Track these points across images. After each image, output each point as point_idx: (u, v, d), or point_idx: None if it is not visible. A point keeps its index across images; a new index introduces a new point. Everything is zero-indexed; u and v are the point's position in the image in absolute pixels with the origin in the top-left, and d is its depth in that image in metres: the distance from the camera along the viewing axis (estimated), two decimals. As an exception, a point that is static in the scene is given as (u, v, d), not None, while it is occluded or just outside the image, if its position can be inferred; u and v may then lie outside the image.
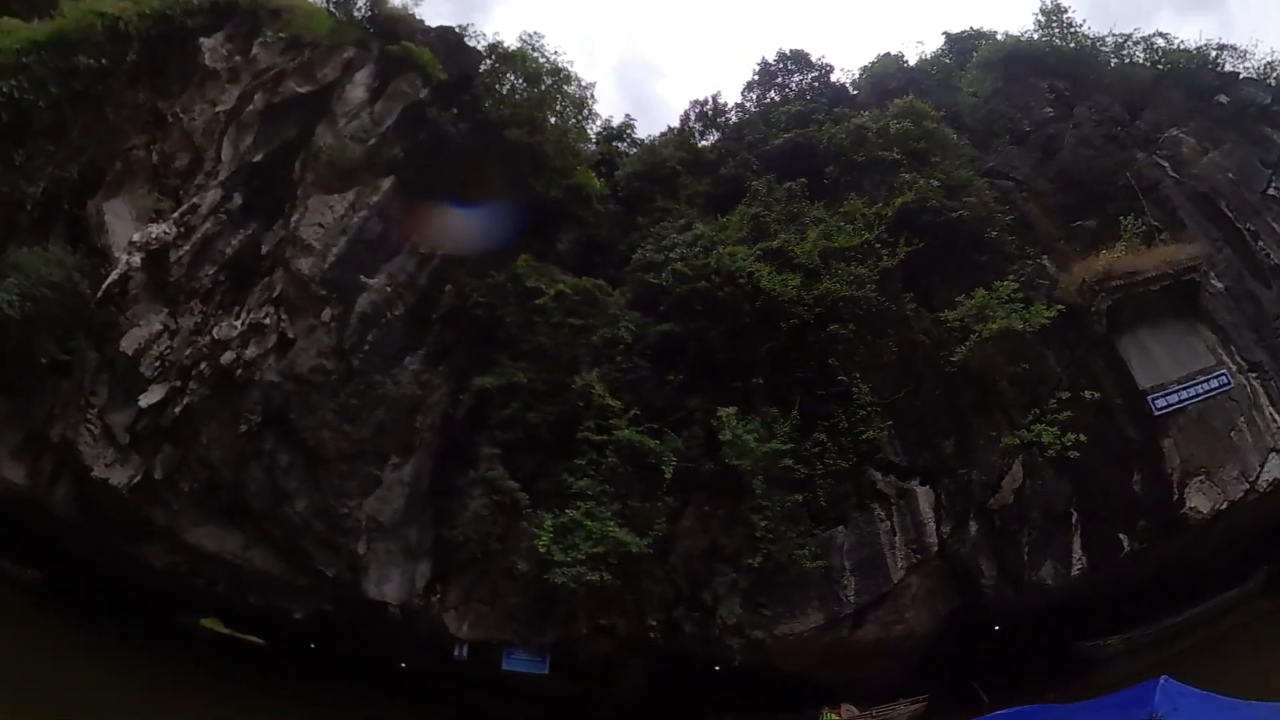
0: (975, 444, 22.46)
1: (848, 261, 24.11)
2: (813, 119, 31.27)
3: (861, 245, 24.42)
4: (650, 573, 22.98)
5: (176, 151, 26.48)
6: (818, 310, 23.33)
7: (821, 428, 22.77)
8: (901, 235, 24.40)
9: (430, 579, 25.41)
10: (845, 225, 25.33)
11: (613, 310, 25.88)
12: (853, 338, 23.20)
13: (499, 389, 25.23)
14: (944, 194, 24.81)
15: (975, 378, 22.31)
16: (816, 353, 23.40)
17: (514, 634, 24.40)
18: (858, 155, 27.69)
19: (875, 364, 23.25)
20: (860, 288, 23.44)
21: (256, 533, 25.11)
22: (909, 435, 22.95)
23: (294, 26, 28.05)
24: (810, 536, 22.16)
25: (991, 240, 24.29)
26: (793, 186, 27.80)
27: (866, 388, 22.85)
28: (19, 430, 22.96)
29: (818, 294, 23.43)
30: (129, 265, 24.02)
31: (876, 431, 22.33)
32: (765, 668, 23.67)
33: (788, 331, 23.32)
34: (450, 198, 27.81)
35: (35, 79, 24.36)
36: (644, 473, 23.17)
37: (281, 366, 25.14)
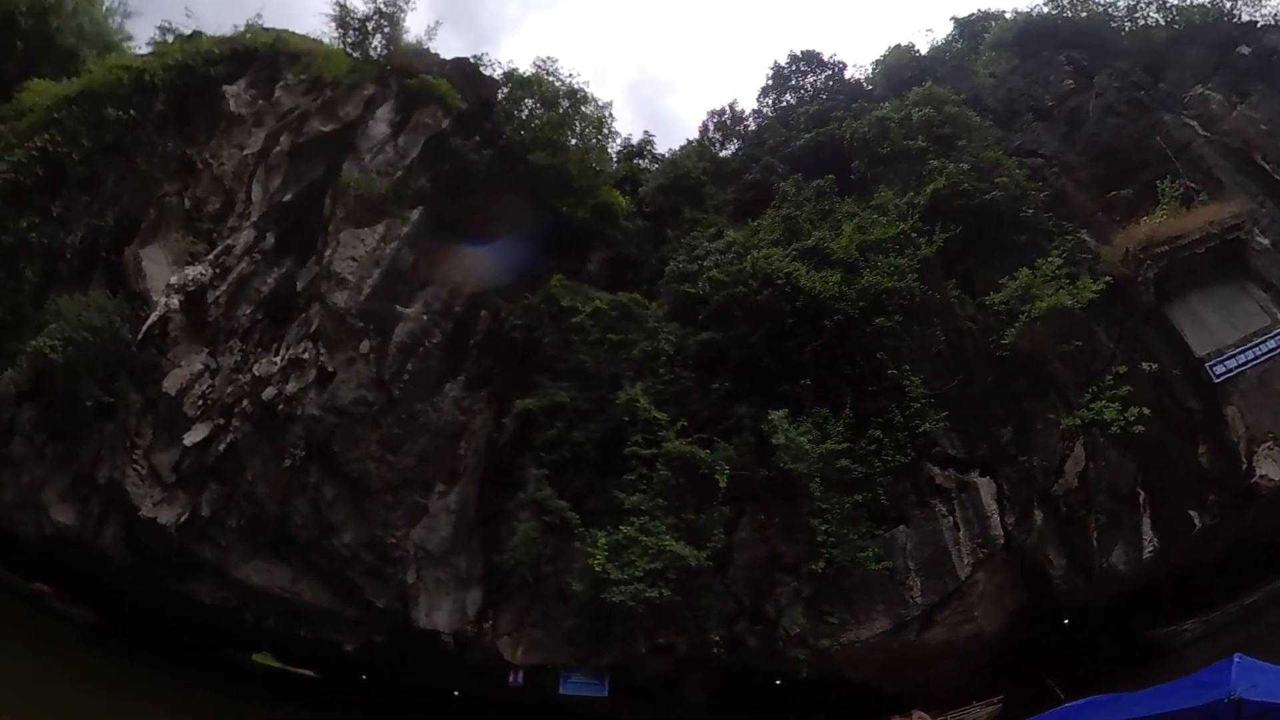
0: (1033, 429, 21.77)
1: (886, 253, 23.71)
2: (831, 117, 31.14)
3: (898, 236, 24.06)
4: (709, 586, 22.36)
5: (208, 196, 26.89)
6: (861, 305, 22.89)
7: (875, 424, 22.19)
8: (936, 222, 23.97)
9: (482, 605, 24.96)
10: (879, 218, 24.99)
11: (650, 323, 25.63)
12: (899, 330, 22.69)
13: (542, 410, 24.88)
14: (974, 177, 24.41)
15: (1027, 360, 21.71)
16: (863, 348, 22.89)
17: (570, 657, 23.84)
18: (882, 147, 27.42)
19: (924, 355, 22.71)
20: (901, 278, 23.01)
21: (305, 566, 24.97)
22: (965, 426, 22.27)
23: (314, 68, 28.46)
24: (872, 538, 21.47)
25: (1027, 219, 23.80)
26: (821, 184, 27.57)
27: (918, 380, 22.26)
28: (67, 473, 23.28)
29: (859, 288, 23.03)
30: (168, 307, 24.24)
31: (932, 424, 21.73)
32: (830, 678, 22.97)
33: (832, 329, 22.87)
34: (479, 224, 27.80)
35: (67, 133, 25.11)
36: (697, 484, 22.65)
37: (323, 400, 25.08)
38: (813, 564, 21.37)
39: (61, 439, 22.97)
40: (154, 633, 27.32)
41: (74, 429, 22.90)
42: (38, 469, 23.11)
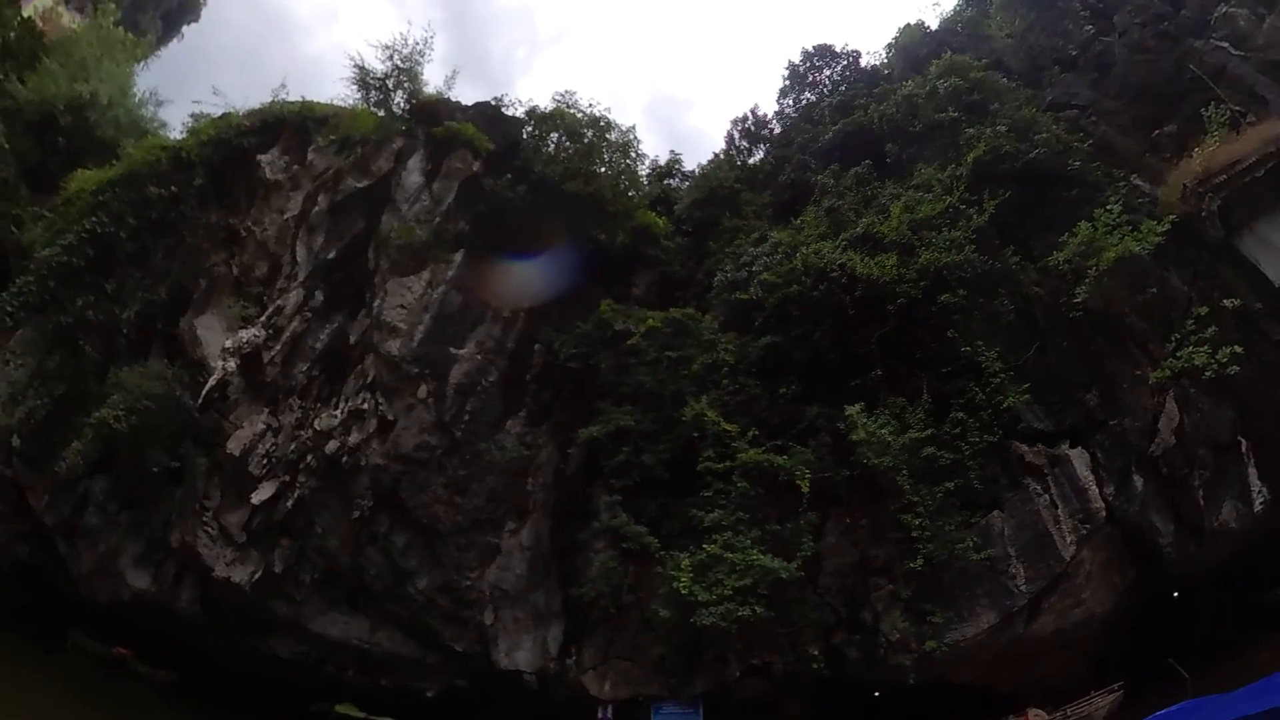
0: (1119, 389, 20.81)
1: (938, 229, 23.14)
2: (855, 105, 30.97)
3: (947, 210, 23.49)
4: (802, 599, 21.58)
5: (254, 261, 27.21)
6: (922, 284, 22.28)
7: (956, 406, 21.41)
8: (983, 190, 23.37)
9: (563, 641, 24.41)
10: (924, 195, 24.49)
11: (707, 336, 25.24)
12: (965, 305, 22.00)
13: (607, 436, 24.44)
14: (1014, 139, 23.79)
15: (1101, 318, 20.83)
16: (931, 329, 22.27)
17: (661, 687, 23.05)
18: (913, 126, 27.04)
19: (995, 327, 21.94)
20: (959, 251, 22.36)
21: (381, 615, 24.75)
22: (1047, 397, 21.39)
23: (342, 128, 28.77)
24: (967, 527, 20.56)
25: (1075, 173, 23.01)
26: (860, 171, 27.29)
27: (993, 354, 21.45)
28: (141, 539, 23.56)
29: (918, 268, 22.46)
30: (225, 370, 24.41)
31: (1014, 399, 20.91)
32: (935, 684, 21.84)
33: (895, 314, 22.32)
34: (521, 259, 27.73)
35: (113, 213, 25.63)
36: (777, 493, 22.04)
37: (386, 448, 24.91)
38: (909, 562, 20.48)
39: (133, 506, 23.22)
40: (235, 689, 27.30)
41: (144, 496, 23.12)
42: (112, 537, 23.26)
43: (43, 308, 23.65)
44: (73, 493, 22.68)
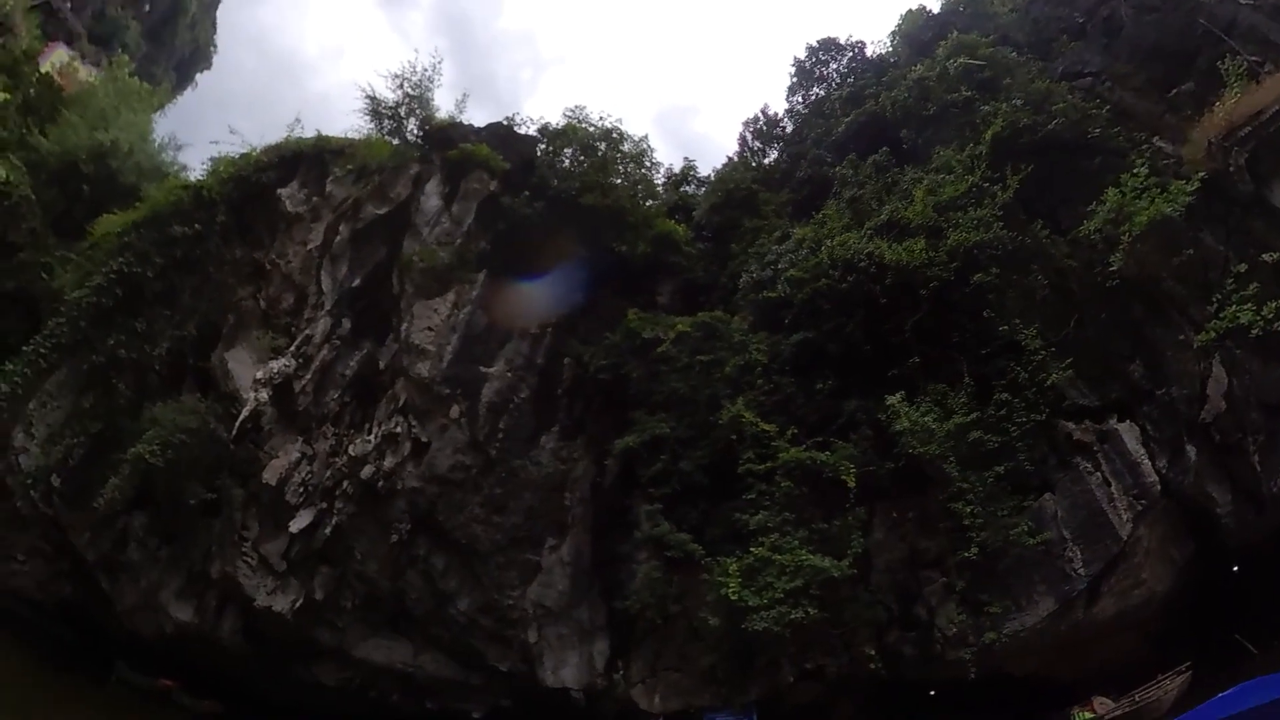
0: (1164, 357, 20.22)
1: (964, 209, 22.86)
2: (866, 95, 30.96)
3: (970, 190, 23.21)
4: (855, 598, 21.06)
5: (280, 293, 27.46)
6: (953, 266, 21.98)
7: (998, 387, 20.95)
8: (1005, 167, 23.05)
9: (610, 655, 24.06)
10: (945, 177, 24.24)
11: (737, 337, 25.07)
12: (999, 283, 21.65)
13: (643, 445, 24.22)
14: (1030, 112, 23.49)
15: (1138, 285, 20.32)
16: (966, 311, 21.92)
17: (713, 696, 22.53)
18: (927, 109, 26.88)
19: (1031, 304, 21.56)
20: (987, 230, 22.05)
21: (424, 638, 24.61)
22: (1090, 371, 20.85)
23: (358, 158, 29.12)
24: (1020, 512, 20.01)
25: (1096, 140, 22.63)
26: (878, 159, 27.17)
27: (1032, 330, 21.04)
28: (182, 572, 23.66)
29: (948, 249, 22.15)
30: (257, 401, 24.53)
31: (1058, 375, 20.45)
32: (993, 678, 21.13)
33: (929, 298, 22.00)
34: (544, 275, 27.71)
35: (139, 254, 25.99)
36: (821, 490, 21.65)
37: (421, 471, 24.86)
38: (962, 552, 19.94)
39: (172, 540, 23.36)
40: (280, 718, 26.81)
41: (183, 529, 23.25)
42: (154, 571, 23.37)
43: (75, 349, 23.97)
44: (113, 529, 22.79)
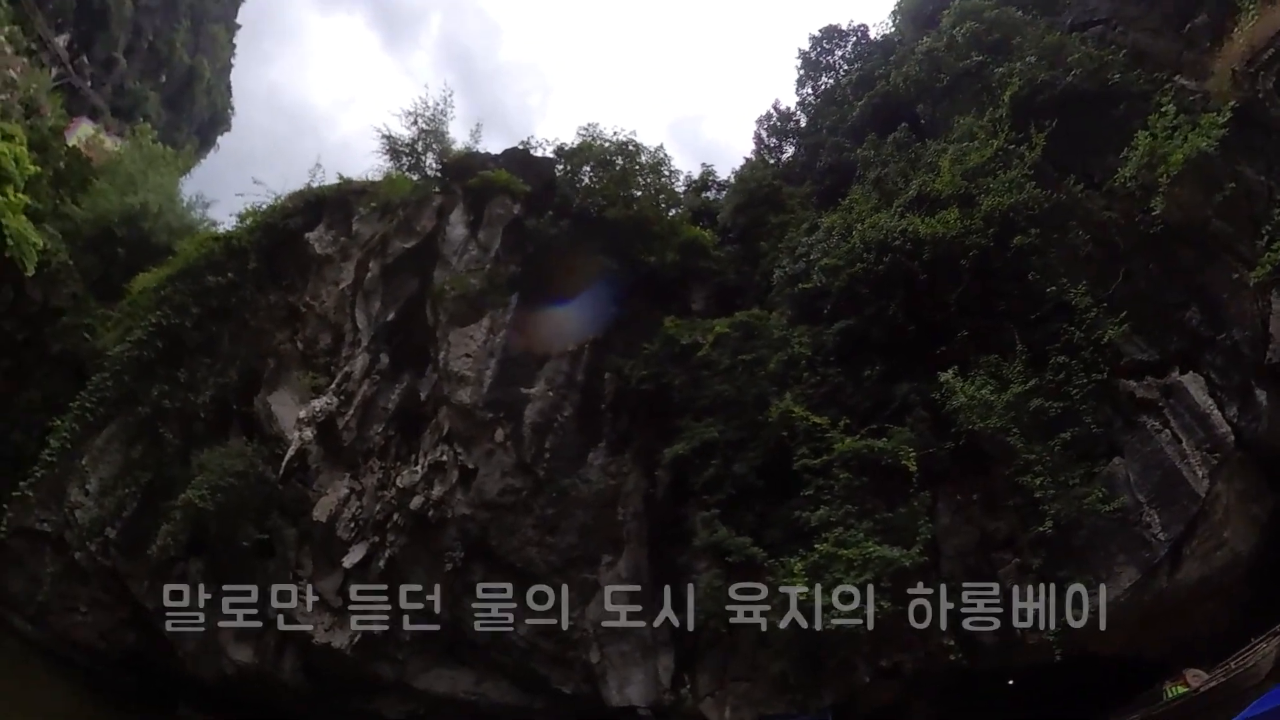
0: (1219, 301, 19.32)
1: (993, 174, 22.38)
2: (876, 77, 30.76)
3: (997, 154, 22.69)
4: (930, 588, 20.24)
5: (317, 334, 27.98)
6: (991, 232, 21.44)
7: (1053, 351, 20.27)
8: (1028, 127, 22.52)
9: (675, 670, 23.47)
10: (969, 145, 23.81)
11: (777, 333, 24.80)
12: (1040, 244, 21.05)
13: (693, 452, 23.85)
14: (1046, 68, 22.97)
15: (1182, 229, 19.55)
16: (1010, 276, 21.33)
17: (787, 704, 21.77)
18: (940, 81, 26.59)
19: (1075, 261, 20.94)
20: (1021, 191, 21.53)
21: (485, 665, 24.42)
22: (1146, 324, 20.03)
23: (381, 196, 29.73)
24: (1090, 480, 19.23)
25: (1116, 87, 21.97)
26: (898, 136, 26.91)
27: (1080, 289, 20.39)
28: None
29: (983, 215, 21.63)
30: (302, 440, 24.90)
31: (1113, 331, 19.71)
32: (1075, 662, 20.35)
33: (970, 269, 21.46)
34: (576, 292, 27.80)
35: (176, 306, 26.81)
36: (881, 479, 21.08)
37: (470, 497, 24.83)
38: (1035, 527, 19.17)
39: (230, 582, 23.33)
40: None
41: (238, 571, 23.30)
42: (212, 614, 23.25)
43: (121, 402, 24.67)
44: (170, 575, 22.94)
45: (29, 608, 24.98)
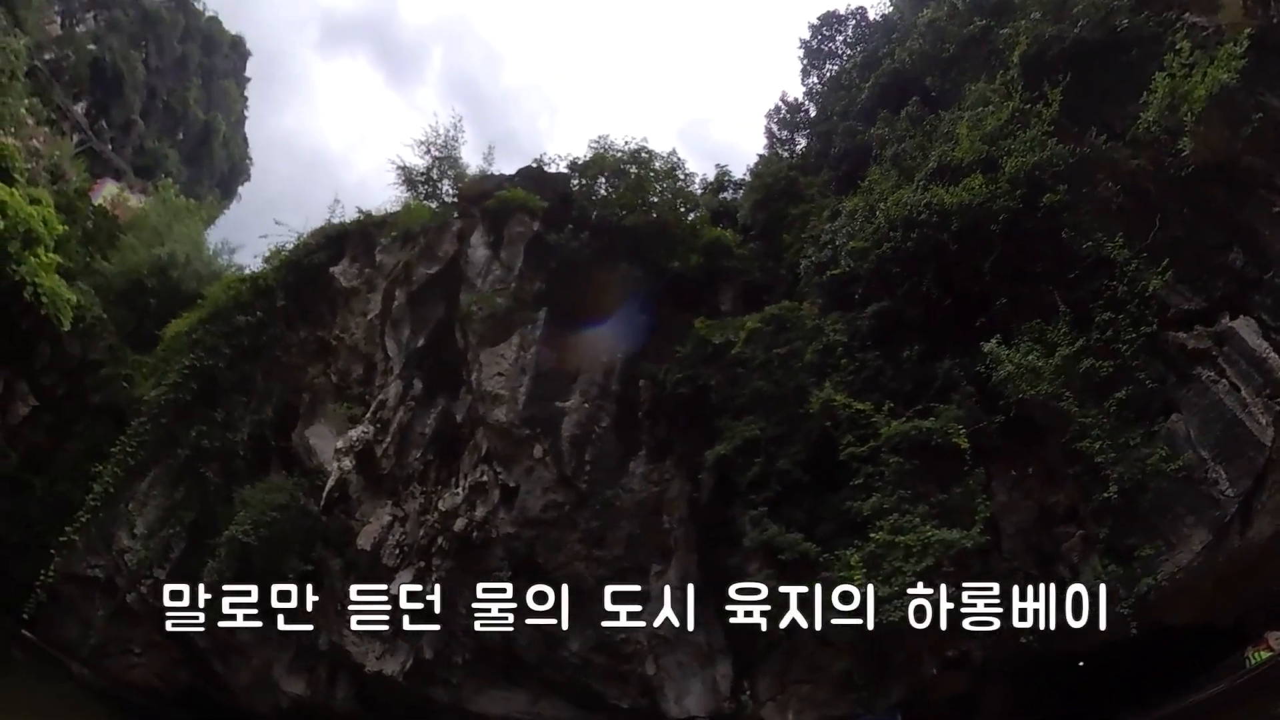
0: (1260, 238, 18.66)
1: (1013, 135, 22.02)
2: (880, 57, 30.67)
3: (1014, 115, 22.35)
4: (991, 569, 19.75)
5: (349, 365, 28.33)
6: (1019, 193, 20.98)
7: (1096, 308, 19.73)
8: (1041, 85, 22.10)
9: (734, 676, 23.16)
10: (984, 110, 23.48)
11: (810, 323, 24.54)
12: (1070, 200, 20.56)
13: (735, 452, 23.58)
14: (1051, 22, 22.64)
15: (1213, 168, 18.94)
16: (1044, 236, 20.85)
17: (850, 704, 21.41)
18: (946, 51, 26.47)
19: (1108, 214, 20.39)
20: (1043, 149, 21.11)
21: (539, 684, 24.31)
22: (1188, 272, 19.40)
23: (401, 225, 30.25)
24: (1150, 440, 18.60)
25: (1126, 33, 21.43)
26: (910, 110, 26.68)
27: (1117, 241, 19.84)
28: (290, 646, 24.06)
29: (1008, 177, 21.20)
30: (341, 470, 25.10)
31: (1156, 281, 19.16)
32: (1147, 636, 19.50)
33: (1000, 234, 21.01)
34: (603, 303, 27.88)
35: (208, 348, 27.57)
36: (932, 460, 20.62)
37: (513, 516, 24.81)
38: (1098, 495, 18.57)
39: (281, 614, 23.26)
40: None
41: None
42: (264, 649, 23.85)
43: (160, 446, 25.23)
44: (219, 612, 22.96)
45: (83, 651, 25.48)
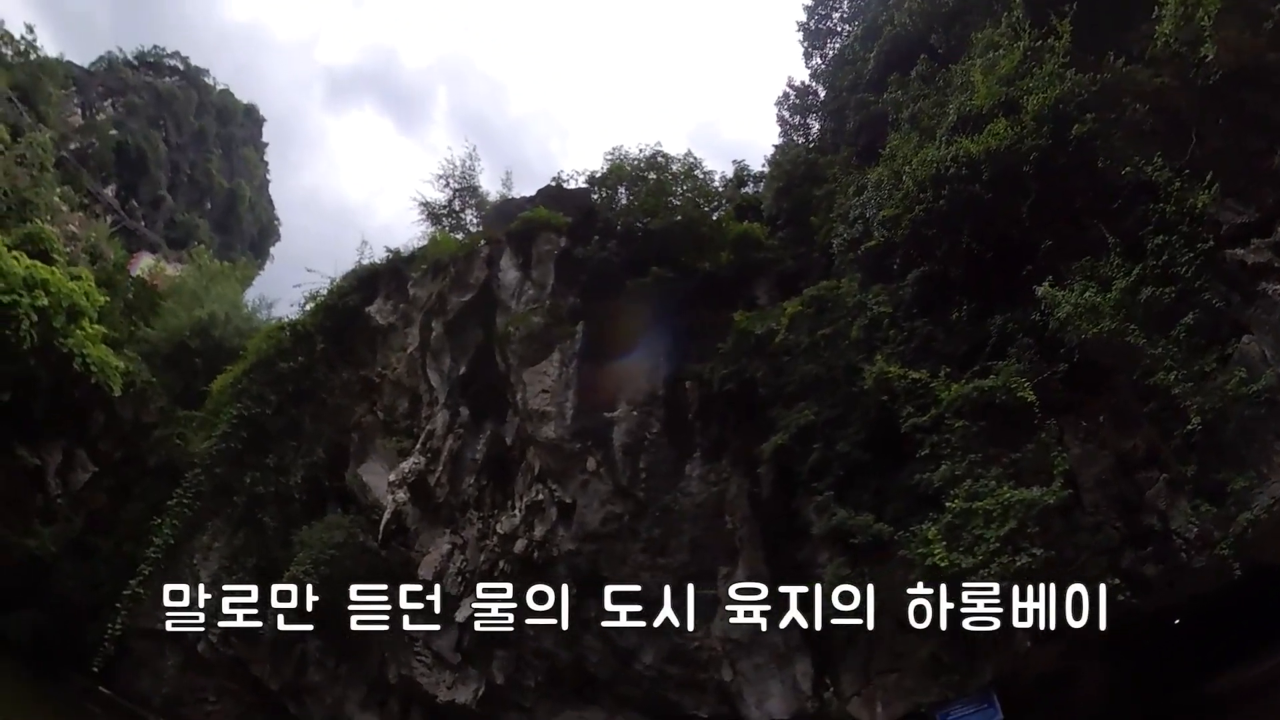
0: None
1: (1029, 74, 21.41)
2: (881, 25, 30.52)
3: (1027, 54, 21.80)
4: (1077, 526, 18.99)
5: (394, 401, 28.83)
6: (1045, 129, 20.28)
7: (1147, 234, 19.00)
8: (1048, 20, 21.60)
9: (815, 674, 22.57)
10: (995, 54, 23.00)
11: (852, 300, 24.09)
12: (1099, 129, 19.85)
13: (792, 440, 23.17)
14: None
15: (1240, 72, 18.37)
16: (1079, 169, 20.13)
17: (942, 689, 20.66)
18: (944, 6, 26.31)
19: (1140, 137, 19.74)
20: (1063, 81, 20.48)
21: (615, 700, 24.17)
22: (1235, 182, 18.66)
23: (429, 258, 30.92)
24: (1224, 364, 17.71)
25: None
26: (921, 70, 26.36)
27: (1157, 161, 19.12)
28: (362, 683, 24.47)
29: (1033, 115, 20.52)
30: (396, 503, 25.43)
31: (1204, 196, 18.39)
32: (1249, 580, 18.42)
33: (1034, 174, 20.27)
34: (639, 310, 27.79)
35: (254, 396, 28.41)
36: (1000, 419, 19.94)
37: (573, 532, 24.80)
38: (1179, 430, 17.75)
39: (347, 657, 24.21)
40: None
41: (355, 643, 23.69)
42: (335, 688, 24.28)
43: (217, 495, 25.50)
44: (291, 655, 23.33)
45: (156, 701, 26.06)
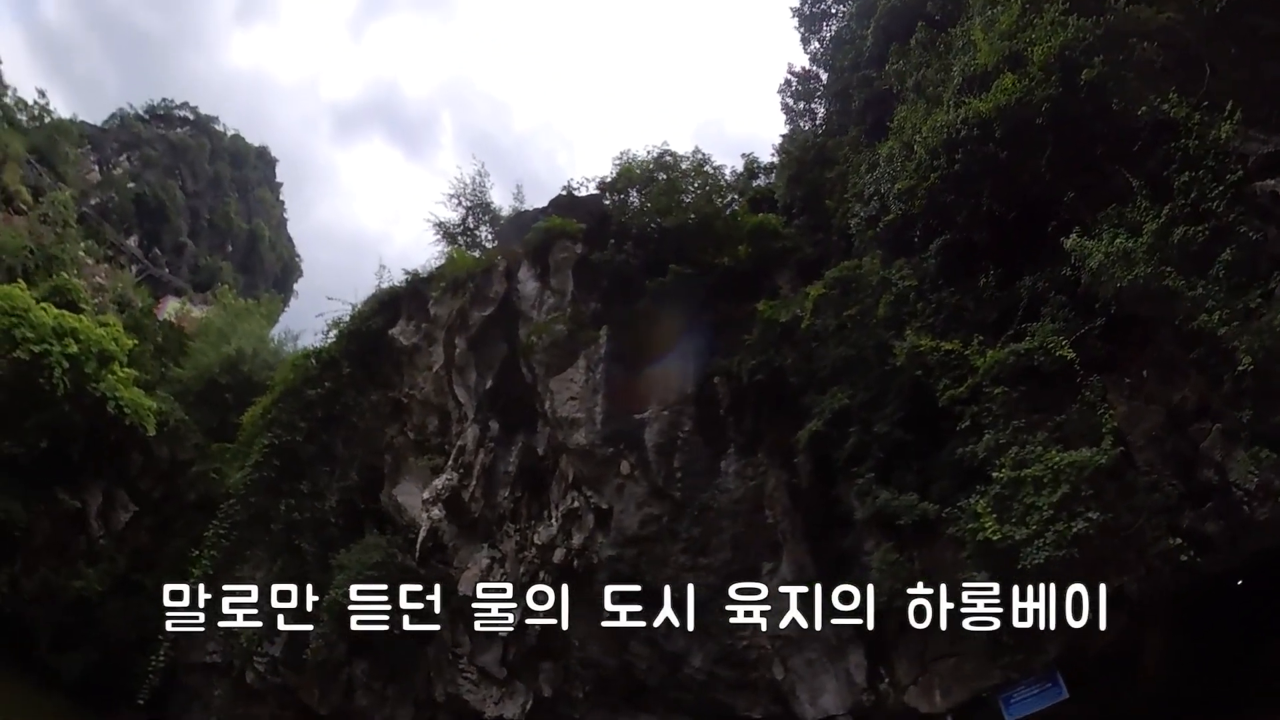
0: None
1: (1031, 27, 20.94)
2: (874, 1, 30.34)
3: (1025, 6, 21.30)
4: (1132, 486, 18.26)
5: (424, 420, 29.07)
6: (1054, 78, 19.73)
7: (1171, 173, 18.28)
8: None
9: (869, 666, 22.17)
10: (993, 10, 22.57)
11: (875, 277, 23.77)
12: (1109, 71, 19.30)
13: (827, 426, 22.91)
14: None
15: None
16: (1094, 114, 19.62)
17: (1004, 671, 20.11)
18: None
19: (1153, 75, 19.15)
20: (1064, 29, 19.93)
21: (666, 706, 23.98)
22: (1255, 111, 18.01)
23: (447, 276, 31.17)
24: (1268, 300, 16.76)
25: None
26: (919, 37, 26.10)
27: (1173, 97, 18.44)
28: (409, 703, 24.53)
29: (1039, 65, 19.99)
30: (432, 520, 25.54)
31: (1226, 129, 17.68)
32: None
33: (1049, 124, 19.69)
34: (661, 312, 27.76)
35: (285, 424, 28.89)
36: (1040, 382, 19.43)
37: (612, 537, 24.74)
38: (1234, 370, 16.72)
39: (394, 678, 24.28)
40: None
41: (401, 663, 23.87)
42: (383, 709, 24.33)
43: (253, 524, 25.78)
44: (338, 680, 23.55)
45: None
